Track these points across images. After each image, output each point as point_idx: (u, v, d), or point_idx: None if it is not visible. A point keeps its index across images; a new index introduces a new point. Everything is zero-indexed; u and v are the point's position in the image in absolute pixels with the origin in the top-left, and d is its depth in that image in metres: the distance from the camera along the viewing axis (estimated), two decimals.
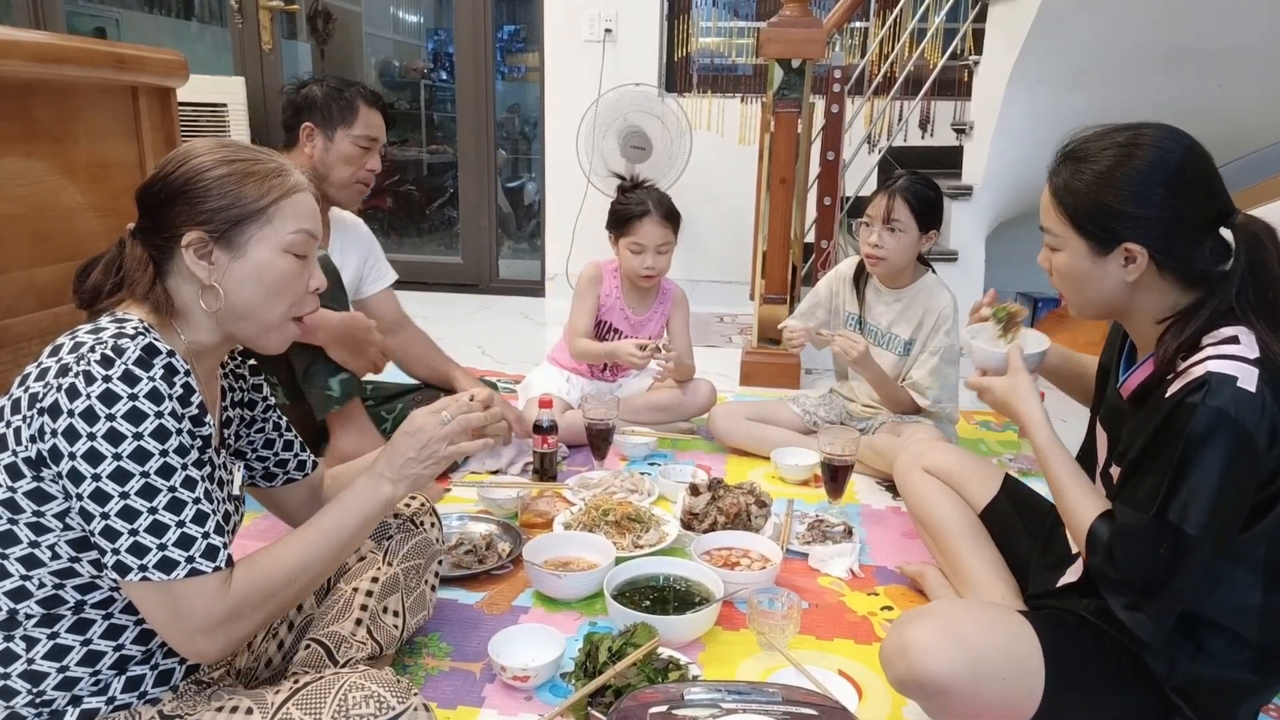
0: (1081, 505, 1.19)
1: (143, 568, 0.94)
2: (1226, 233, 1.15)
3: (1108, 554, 1.12)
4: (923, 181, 2.22)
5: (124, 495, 0.93)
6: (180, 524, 0.95)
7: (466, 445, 1.21)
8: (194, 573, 0.95)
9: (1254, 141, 2.94)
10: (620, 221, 2.47)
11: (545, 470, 2.15)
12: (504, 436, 2.29)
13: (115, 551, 0.93)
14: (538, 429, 2.14)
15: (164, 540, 0.94)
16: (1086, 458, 1.42)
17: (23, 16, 4.35)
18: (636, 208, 2.43)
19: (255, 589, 1.01)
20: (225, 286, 1.05)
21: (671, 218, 2.45)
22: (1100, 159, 1.16)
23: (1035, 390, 1.32)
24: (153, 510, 0.94)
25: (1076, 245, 1.19)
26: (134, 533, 0.93)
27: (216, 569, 0.97)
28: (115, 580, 0.97)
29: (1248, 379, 1.05)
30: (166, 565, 0.94)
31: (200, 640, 0.98)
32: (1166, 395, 1.11)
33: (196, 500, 0.97)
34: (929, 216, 2.20)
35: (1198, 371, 1.07)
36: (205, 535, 0.97)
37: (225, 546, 0.99)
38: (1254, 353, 1.07)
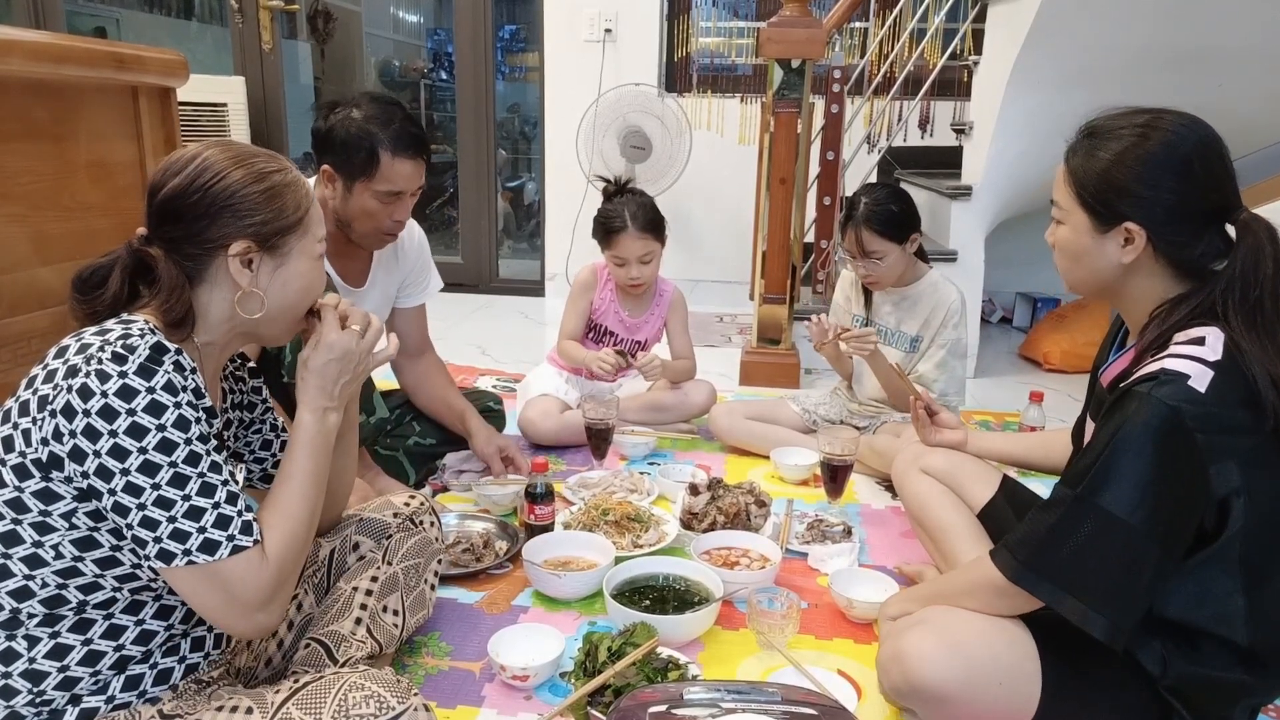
0: (969, 570, 1.27)
1: (187, 552, 0.95)
2: (1231, 230, 1.16)
3: (1010, 553, 1.16)
4: (882, 198, 2.18)
5: (155, 486, 0.94)
6: (215, 505, 0.97)
7: (385, 354, 1.22)
8: (236, 549, 0.98)
9: (1254, 141, 2.94)
10: (601, 234, 2.45)
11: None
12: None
13: (157, 540, 0.95)
14: (530, 495, 1.83)
15: (203, 523, 0.96)
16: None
17: (23, 16, 4.36)
18: (615, 221, 2.40)
19: (287, 548, 1.04)
20: (266, 292, 1.08)
21: (652, 227, 2.41)
22: (1116, 138, 1.17)
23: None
24: (186, 497, 0.96)
25: (1079, 220, 1.20)
26: (173, 520, 0.95)
27: (256, 542, 1.00)
28: (157, 569, 0.98)
29: (1200, 379, 1.06)
30: (209, 547, 0.96)
31: (259, 615, 1.01)
32: (1121, 385, 1.13)
33: (225, 481, 0.99)
34: (902, 228, 2.17)
35: (1153, 367, 1.09)
36: (239, 513, 0.99)
37: (256, 520, 1.01)
38: (1215, 355, 1.08)
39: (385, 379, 2.27)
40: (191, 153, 1.06)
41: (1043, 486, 1.70)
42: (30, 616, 0.98)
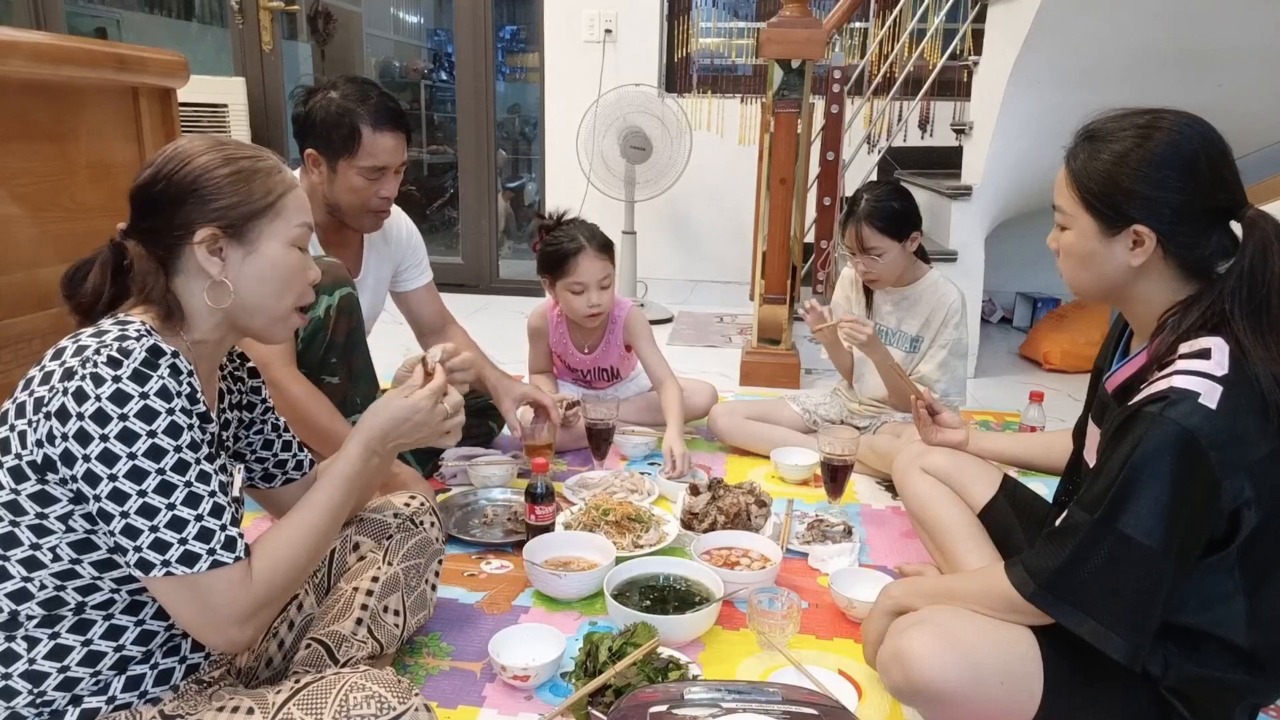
0: (983, 578, 1.25)
1: (165, 563, 0.95)
2: (1237, 228, 1.15)
3: (1027, 571, 1.15)
4: (884, 195, 2.19)
5: (141, 493, 0.93)
6: (199, 518, 0.96)
7: (453, 439, 1.29)
8: (216, 564, 0.97)
9: (1254, 141, 2.94)
10: (553, 263, 2.29)
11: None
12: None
13: (137, 549, 0.94)
14: (530, 496, 1.79)
15: (184, 535, 0.95)
16: (1075, 465, 1.43)
17: (23, 17, 4.36)
18: (569, 245, 2.26)
19: (275, 573, 1.03)
20: (237, 282, 1.06)
21: (607, 249, 2.30)
22: (1117, 139, 1.16)
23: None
24: (170, 506, 0.95)
25: (1086, 224, 1.19)
26: (154, 529, 0.94)
27: (237, 559, 0.99)
28: (138, 577, 0.97)
29: (1210, 395, 1.05)
30: (189, 559, 0.95)
31: (233, 631, 0.99)
32: (1129, 403, 1.12)
33: (212, 493, 0.98)
34: (903, 226, 2.17)
35: (1161, 385, 1.08)
36: (223, 527, 0.98)
37: (241, 537, 1.01)
38: (1222, 369, 1.07)
39: (386, 380, 2.27)
40: (168, 146, 1.07)
41: (1044, 486, 1.70)
42: (29, 618, 0.98)
